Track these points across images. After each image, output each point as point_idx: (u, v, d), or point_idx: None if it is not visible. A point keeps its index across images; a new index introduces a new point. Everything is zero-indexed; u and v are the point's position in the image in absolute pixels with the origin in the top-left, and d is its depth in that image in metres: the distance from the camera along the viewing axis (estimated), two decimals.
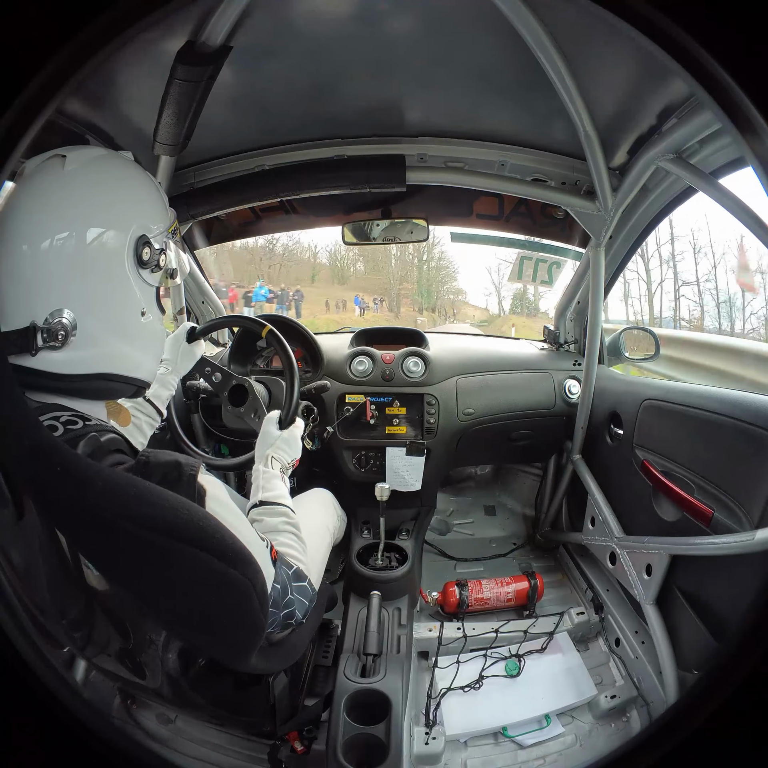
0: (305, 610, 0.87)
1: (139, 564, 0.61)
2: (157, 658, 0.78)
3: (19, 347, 0.65)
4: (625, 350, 1.83)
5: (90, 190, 0.70)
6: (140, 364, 0.77)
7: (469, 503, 2.35)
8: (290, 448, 1.11)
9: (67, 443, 0.62)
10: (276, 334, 1.29)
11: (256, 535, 0.77)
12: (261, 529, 0.91)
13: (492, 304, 8.83)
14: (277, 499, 0.98)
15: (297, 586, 0.85)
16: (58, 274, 0.67)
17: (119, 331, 0.73)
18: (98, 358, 0.71)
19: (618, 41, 0.90)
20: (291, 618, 0.84)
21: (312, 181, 1.52)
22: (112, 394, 0.77)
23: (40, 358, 0.67)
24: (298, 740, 1.13)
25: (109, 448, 0.65)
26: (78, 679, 1.19)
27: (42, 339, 0.66)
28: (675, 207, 1.50)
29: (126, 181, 0.75)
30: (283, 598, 0.81)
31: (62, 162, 0.69)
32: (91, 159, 0.72)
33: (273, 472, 1.04)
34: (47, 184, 0.68)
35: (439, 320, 7.94)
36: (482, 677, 1.48)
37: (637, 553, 1.40)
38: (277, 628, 0.84)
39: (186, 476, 0.64)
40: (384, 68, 1.21)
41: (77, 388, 0.70)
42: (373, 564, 1.59)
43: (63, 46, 0.46)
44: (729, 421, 1.13)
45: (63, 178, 0.68)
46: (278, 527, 0.93)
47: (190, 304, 1.95)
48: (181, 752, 1.29)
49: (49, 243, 0.66)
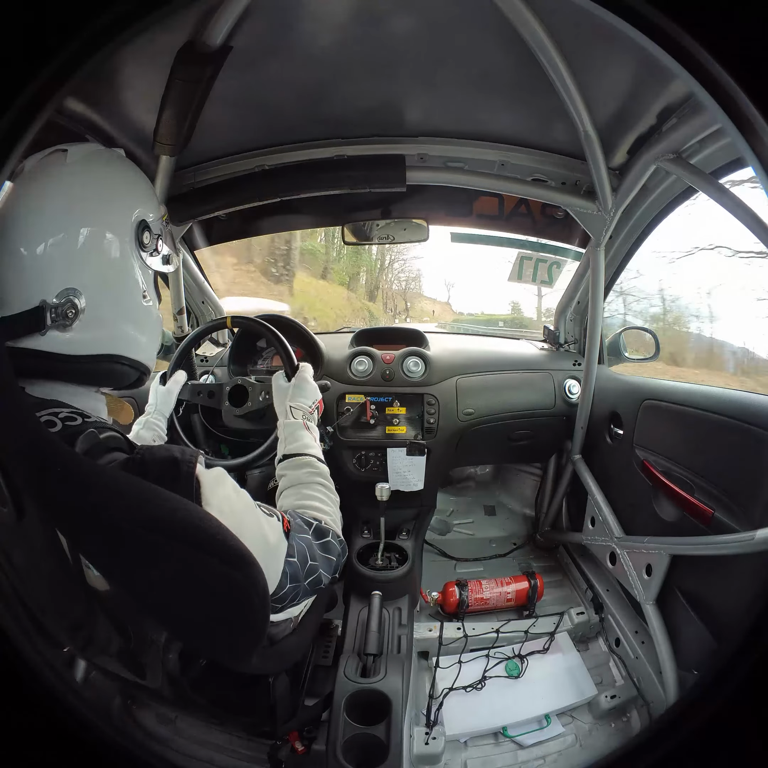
0: (332, 566, 0.84)
1: (139, 565, 0.61)
2: (157, 659, 0.78)
3: (27, 327, 0.66)
4: (625, 350, 1.83)
5: (94, 179, 0.74)
6: (143, 347, 0.80)
7: (469, 503, 2.35)
8: (305, 391, 1.11)
9: (65, 439, 0.61)
10: (241, 317, 1.33)
11: (259, 522, 0.74)
12: (286, 483, 0.90)
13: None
14: (302, 449, 0.97)
15: (320, 545, 0.82)
16: (68, 256, 0.69)
17: (124, 312, 0.76)
18: (105, 339, 0.73)
19: (618, 41, 0.90)
20: (318, 584, 0.81)
21: (312, 181, 1.52)
22: (118, 377, 0.77)
23: (48, 338, 0.68)
24: (298, 740, 1.13)
25: (107, 446, 0.65)
26: (78, 679, 1.19)
27: (51, 318, 0.67)
28: (675, 207, 1.49)
29: (124, 172, 0.79)
30: (303, 568, 0.78)
31: (64, 156, 0.72)
32: (92, 152, 0.76)
33: (296, 422, 1.02)
34: (53, 175, 0.71)
35: (384, 316, 6.68)
36: (485, 677, 1.48)
37: (637, 553, 1.40)
38: (305, 597, 0.80)
39: (184, 473, 0.63)
40: (384, 68, 1.21)
41: (84, 371, 0.71)
42: (374, 564, 1.59)
43: (63, 46, 0.46)
44: (729, 421, 1.13)
45: (68, 168, 0.72)
46: (302, 479, 0.92)
47: (190, 304, 1.95)
48: (181, 752, 1.29)
49: (58, 228, 0.68)
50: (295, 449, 0.97)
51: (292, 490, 0.87)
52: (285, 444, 0.98)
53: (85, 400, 0.72)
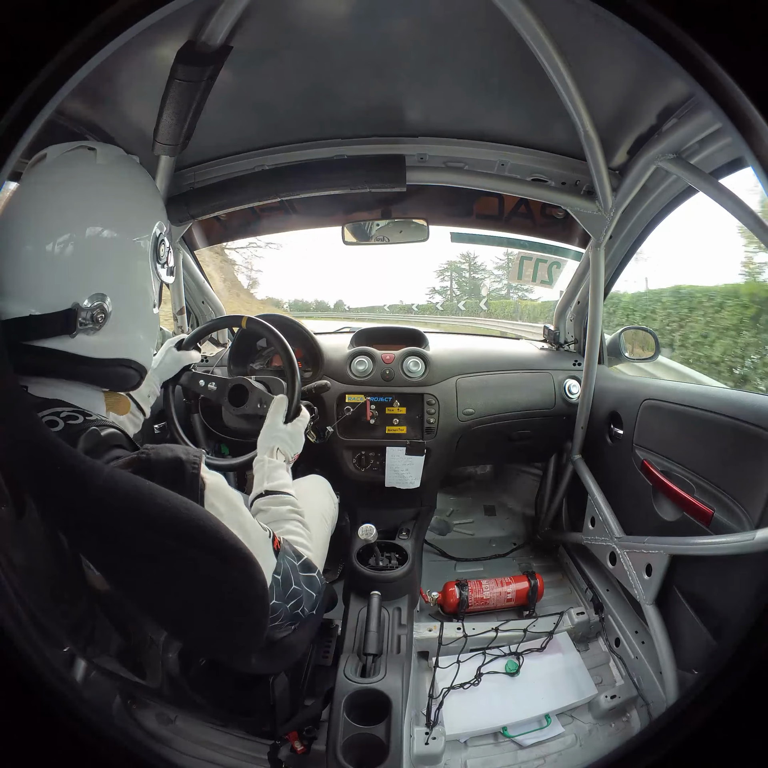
0: (313, 602, 0.85)
1: (139, 564, 0.61)
2: (157, 658, 0.78)
3: (59, 328, 0.68)
4: (625, 350, 1.83)
5: (123, 187, 0.76)
6: (149, 353, 0.82)
7: (469, 503, 2.35)
8: (294, 442, 1.12)
9: (67, 438, 0.62)
10: (258, 321, 1.31)
11: (257, 526, 0.76)
12: (267, 519, 0.90)
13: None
14: (283, 488, 0.98)
15: (305, 577, 0.83)
16: (99, 260, 0.71)
17: (140, 319, 0.79)
18: (123, 344, 0.76)
19: (618, 41, 0.90)
20: (298, 608, 0.82)
21: (312, 181, 1.52)
22: (126, 381, 0.79)
23: (75, 340, 0.69)
24: (297, 740, 1.13)
25: (109, 443, 0.65)
26: (78, 679, 1.19)
27: (80, 322, 0.69)
28: (675, 207, 1.50)
29: (146, 183, 0.82)
30: (286, 590, 0.79)
31: (93, 155, 0.74)
32: (119, 157, 0.78)
33: (278, 462, 1.04)
34: (82, 173, 0.72)
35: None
36: (480, 674, 1.48)
37: (637, 553, 1.40)
38: (285, 621, 0.81)
39: (189, 474, 0.64)
40: (384, 68, 1.21)
41: (102, 374, 0.74)
42: (373, 564, 1.59)
43: (63, 46, 0.46)
44: (729, 421, 1.13)
45: (98, 169, 0.73)
46: (285, 515, 0.92)
47: (190, 304, 1.95)
48: (182, 752, 1.29)
49: (90, 230, 0.70)
50: (278, 487, 0.98)
51: (275, 525, 0.87)
52: (267, 481, 0.99)
53: (85, 399, 0.73)
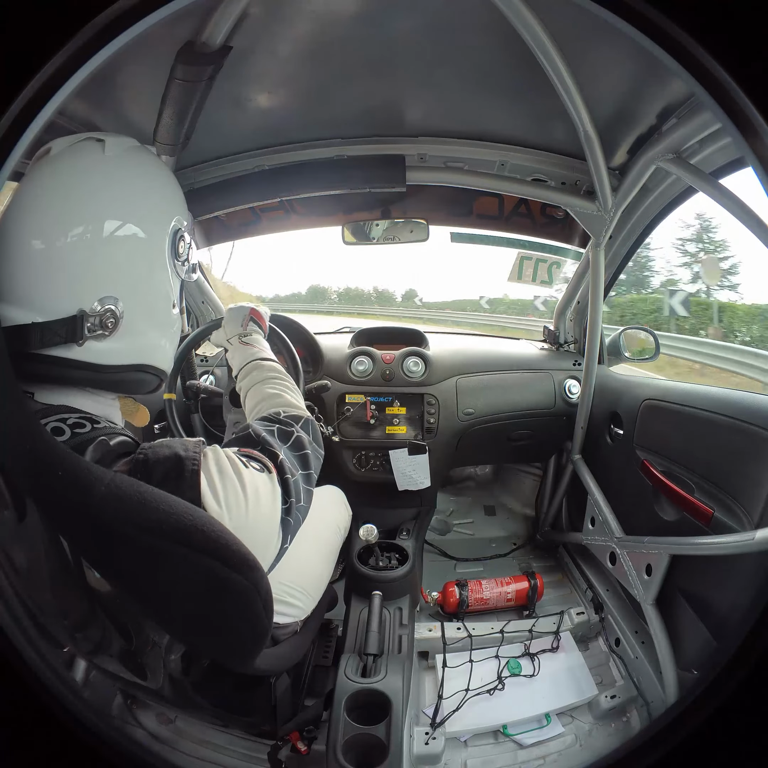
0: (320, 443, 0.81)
1: (142, 569, 0.60)
2: (159, 660, 0.77)
3: (63, 337, 0.63)
4: (625, 350, 1.83)
5: (133, 179, 0.70)
6: (168, 356, 0.78)
7: (469, 503, 2.35)
8: (230, 319, 1.06)
9: (75, 448, 0.59)
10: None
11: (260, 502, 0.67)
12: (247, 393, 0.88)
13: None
14: (246, 360, 0.94)
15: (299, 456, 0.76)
16: (108, 260, 0.65)
17: (157, 321, 0.73)
18: (137, 349, 0.71)
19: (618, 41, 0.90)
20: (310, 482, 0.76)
21: (312, 181, 1.52)
22: (141, 386, 0.75)
23: (83, 348, 0.65)
24: (298, 740, 1.13)
25: (118, 452, 0.62)
26: (78, 679, 1.19)
27: (88, 328, 0.64)
28: (675, 207, 1.50)
29: (162, 175, 0.75)
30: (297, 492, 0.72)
31: (101, 146, 0.68)
32: (130, 148, 0.71)
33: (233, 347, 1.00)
34: (88, 166, 0.67)
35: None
36: (501, 678, 1.47)
37: (637, 553, 1.40)
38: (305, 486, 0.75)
39: (188, 472, 0.61)
40: (384, 68, 1.21)
41: (113, 380, 0.69)
42: (374, 564, 1.59)
43: (63, 46, 0.46)
44: (729, 421, 1.13)
45: (107, 160, 0.67)
46: (256, 378, 0.89)
47: (190, 305, 1.95)
48: (182, 752, 1.29)
49: (98, 227, 0.64)
50: (239, 363, 0.95)
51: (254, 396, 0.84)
52: (235, 369, 0.96)
53: (95, 404, 0.69)
